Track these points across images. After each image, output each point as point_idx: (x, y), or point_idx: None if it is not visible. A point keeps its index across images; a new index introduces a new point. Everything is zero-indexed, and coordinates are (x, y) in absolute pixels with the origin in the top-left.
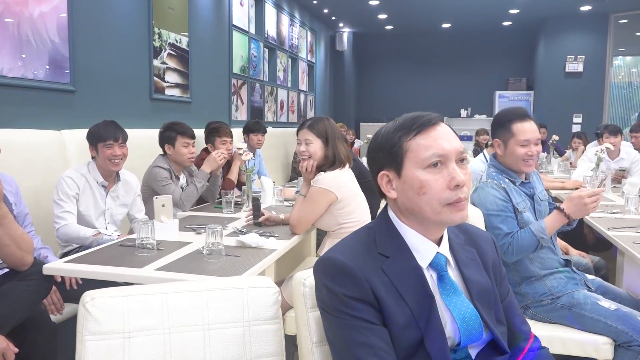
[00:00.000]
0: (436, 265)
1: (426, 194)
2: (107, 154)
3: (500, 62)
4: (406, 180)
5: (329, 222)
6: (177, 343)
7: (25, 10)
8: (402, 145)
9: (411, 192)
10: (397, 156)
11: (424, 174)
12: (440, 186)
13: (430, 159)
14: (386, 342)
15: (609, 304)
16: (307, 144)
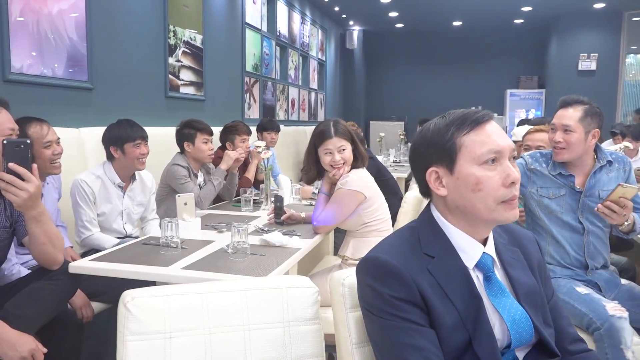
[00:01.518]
0: (483, 265)
1: (482, 190)
2: (137, 154)
3: (512, 60)
4: (460, 177)
5: (354, 222)
6: (217, 344)
7: (44, 8)
8: (455, 141)
9: (465, 189)
10: (451, 152)
11: (480, 170)
12: (496, 183)
13: (486, 155)
14: (434, 344)
15: (584, 289)
16: (343, 150)
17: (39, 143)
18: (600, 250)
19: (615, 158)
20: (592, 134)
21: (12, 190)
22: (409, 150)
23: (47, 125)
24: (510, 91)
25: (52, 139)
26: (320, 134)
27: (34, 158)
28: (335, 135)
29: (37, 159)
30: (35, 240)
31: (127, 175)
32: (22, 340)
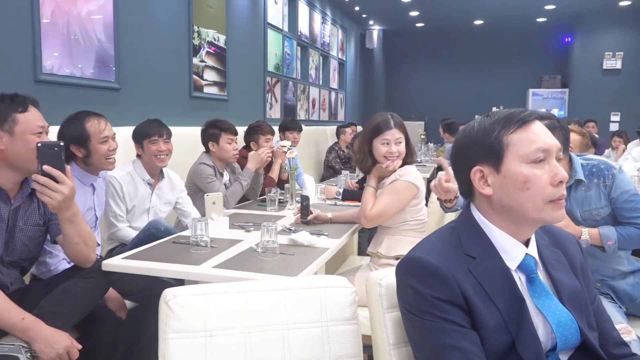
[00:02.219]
0: (525, 267)
1: (530, 189)
2: (153, 150)
3: (534, 59)
4: (507, 175)
5: (397, 218)
6: (256, 343)
7: (73, 10)
8: (502, 139)
9: (513, 188)
10: (497, 150)
11: (528, 169)
12: (544, 182)
13: (535, 154)
14: (477, 346)
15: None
16: (399, 142)
17: (96, 138)
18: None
19: (594, 172)
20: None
21: (46, 192)
22: (450, 149)
23: (104, 120)
24: (533, 90)
25: (108, 134)
26: (380, 124)
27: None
28: (395, 127)
29: (93, 154)
30: (69, 240)
31: (154, 172)
32: (57, 338)
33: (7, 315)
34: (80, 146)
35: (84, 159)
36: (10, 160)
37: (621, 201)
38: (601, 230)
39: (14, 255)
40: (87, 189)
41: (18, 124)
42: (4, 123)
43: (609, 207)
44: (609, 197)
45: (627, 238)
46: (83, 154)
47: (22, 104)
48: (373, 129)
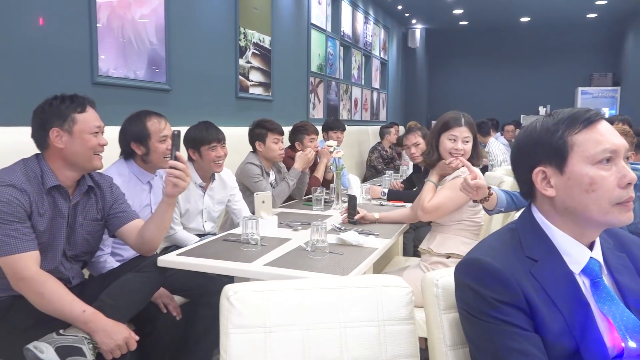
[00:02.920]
0: (590, 271)
1: (596, 191)
2: (212, 156)
3: (584, 56)
4: (572, 177)
5: (453, 216)
6: (314, 340)
7: (128, 13)
8: (566, 140)
9: (577, 190)
10: (561, 151)
11: (594, 170)
12: (611, 184)
13: (601, 155)
14: (540, 349)
15: None
16: (467, 141)
17: (156, 136)
18: None
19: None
20: None
21: (183, 177)
22: (512, 149)
23: (164, 120)
24: (582, 89)
25: (167, 133)
26: (450, 120)
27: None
28: (464, 125)
29: (152, 152)
30: (163, 224)
31: (207, 175)
32: (116, 329)
33: (69, 308)
34: (140, 144)
35: (143, 156)
36: (69, 159)
37: None
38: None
39: (76, 249)
40: (144, 187)
41: (77, 124)
42: (64, 123)
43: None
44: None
45: None
46: (142, 152)
47: (81, 104)
48: (443, 124)
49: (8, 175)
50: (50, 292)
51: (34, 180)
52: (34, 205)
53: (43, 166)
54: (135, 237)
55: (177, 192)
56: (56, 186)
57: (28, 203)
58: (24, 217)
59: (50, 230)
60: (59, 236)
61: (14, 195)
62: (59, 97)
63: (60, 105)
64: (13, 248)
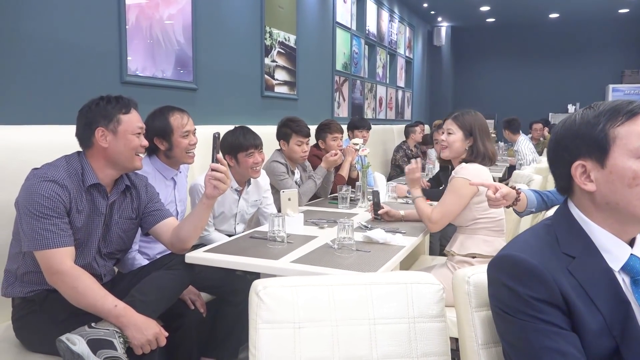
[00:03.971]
0: (630, 268)
1: (639, 185)
2: (250, 163)
3: (615, 53)
4: (613, 170)
5: (465, 216)
6: (344, 336)
7: (156, 14)
8: (607, 132)
9: (620, 184)
10: (603, 144)
11: (638, 164)
12: None
13: None
14: (578, 349)
15: None
16: (449, 133)
17: (179, 132)
18: None
19: None
20: None
21: (223, 179)
22: (548, 142)
23: (187, 115)
24: (613, 86)
25: (190, 129)
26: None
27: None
28: (451, 118)
29: (175, 148)
30: (200, 224)
31: (243, 180)
32: (147, 324)
33: (102, 302)
34: (163, 139)
35: (166, 152)
36: (112, 158)
37: None
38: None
39: (111, 246)
40: (168, 183)
41: (122, 124)
42: (109, 123)
43: None
44: None
45: None
46: (165, 147)
47: (126, 105)
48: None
49: (51, 171)
50: (84, 287)
51: (75, 177)
52: (73, 202)
53: (84, 164)
54: (170, 235)
55: (217, 194)
56: (95, 184)
57: (68, 199)
58: (63, 213)
59: (87, 227)
60: (94, 233)
61: (56, 190)
62: (105, 98)
63: (107, 105)
64: (50, 242)
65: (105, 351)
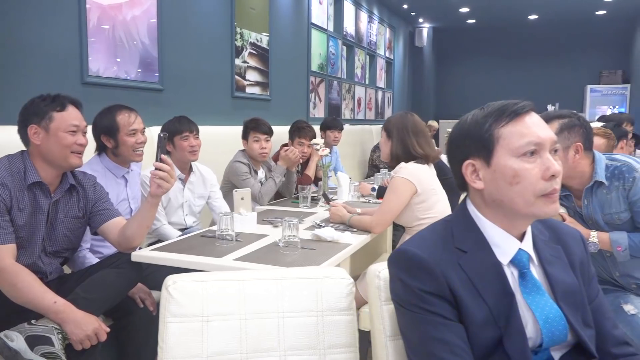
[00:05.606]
0: (518, 262)
1: (520, 183)
2: (185, 146)
3: (593, 54)
4: (497, 169)
5: (408, 217)
6: (252, 329)
7: (119, 15)
8: (493, 133)
9: (502, 182)
10: (488, 144)
11: (518, 163)
12: (535, 176)
13: (525, 147)
14: (462, 339)
15: (632, 308)
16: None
17: (125, 130)
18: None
19: (617, 174)
20: (572, 148)
21: (167, 178)
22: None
23: (135, 113)
24: (591, 87)
25: (137, 127)
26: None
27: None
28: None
29: (122, 146)
30: (144, 223)
31: (184, 167)
32: (86, 320)
33: (41, 299)
34: (110, 137)
35: (113, 150)
36: (46, 156)
37: (638, 205)
38: (612, 235)
39: (56, 245)
40: (119, 181)
41: (53, 122)
42: (41, 120)
43: (629, 211)
44: (627, 200)
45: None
46: (112, 145)
47: (61, 103)
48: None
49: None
50: (23, 284)
51: (17, 175)
52: (14, 200)
53: (27, 163)
54: (117, 234)
55: (160, 192)
56: (37, 182)
57: (8, 197)
58: (4, 211)
59: (29, 225)
60: (38, 231)
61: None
62: (42, 96)
63: (41, 103)
64: None
65: (43, 347)
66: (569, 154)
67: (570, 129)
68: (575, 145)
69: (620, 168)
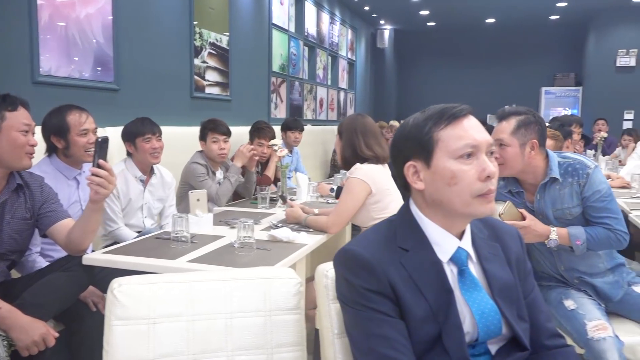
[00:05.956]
0: (457, 259)
1: (457, 184)
2: (147, 148)
3: (547, 57)
4: (436, 171)
5: (363, 217)
6: (200, 330)
7: (72, 13)
8: (432, 135)
9: (441, 183)
10: (428, 146)
11: (455, 165)
12: (472, 177)
13: (462, 150)
14: (403, 335)
15: (572, 303)
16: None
17: (75, 130)
18: (586, 261)
19: (570, 171)
20: (529, 145)
21: (104, 184)
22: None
23: (86, 114)
24: (546, 89)
25: (89, 127)
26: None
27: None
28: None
29: (72, 146)
30: (88, 228)
31: (146, 169)
32: (33, 325)
33: None
34: (60, 137)
35: (64, 150)
36: None
37: (592, 200)
38: (570, 230)
39: (2, 247)
40: (71, 183)
41: (5, 121)
42: None
43: (581, 206)
44: (581, 196)
45: (595, 239)
46: (63, 146)
47: (12, 103)
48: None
49: None
50: None
51: None
52: None
53: None
54: (65, 237)
55: (99, 198)
56: None
57: None
58: None
59: None
60: None
61: None
62: None
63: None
64: None
65: None
66: (525, 150)
67: (527, 125)
68: (532, 142)
69: (574, 165)
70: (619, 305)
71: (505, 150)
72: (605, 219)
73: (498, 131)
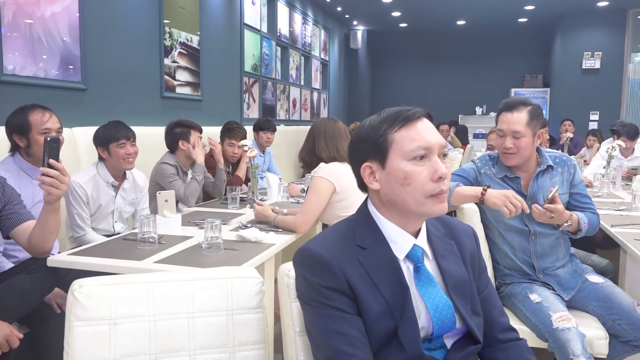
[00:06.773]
0: (413, 256)
1: (410, 185)
2: (121, 154)
3: (516, 59)
4: (390, 172)
5: (329, 215)
6: (162, 330)
7: (37, 11)
8: (387, 137)
9: (395, 183)
10: (382, 148)
11: (408, 166)
12: (424, 178)
13: (415, 152)
14: (360, 331)
15: (537, 297)
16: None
17: (37, 129)
18: (554, 250)
19: (558, 162)
20: (537, 135)
21: (56, 184)
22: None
23: (49, 113)
24: (515, 90)
25: (51, 126)
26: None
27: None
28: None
29: (34, 145)
30: (47, 229)
31: (119, 174)
32: None
33: None
34: (22, 136)
35: (26, 149)
36: None
37: (580, 188)
38: (577, 214)
39: None
40: (34, 182)
41: None
42: None
43: (568, 194)
44: (570, 184)
45: (590, 222)
46: (24, 144)
47: None
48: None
49: None
50: None
51: None
52: None
53: None
54: (27, 240)
55: (51, 199)
56: None
57: None
58: None
59: None
60: None
61: None
62: None
63: None
64: None
65: None
66: (534, 140)
67: (537, 117)
68: (539, 132)
69: (561, 157)
70: (579, 295)
71: (521, 140)
72: (590, 205)
73: (512, 122)
